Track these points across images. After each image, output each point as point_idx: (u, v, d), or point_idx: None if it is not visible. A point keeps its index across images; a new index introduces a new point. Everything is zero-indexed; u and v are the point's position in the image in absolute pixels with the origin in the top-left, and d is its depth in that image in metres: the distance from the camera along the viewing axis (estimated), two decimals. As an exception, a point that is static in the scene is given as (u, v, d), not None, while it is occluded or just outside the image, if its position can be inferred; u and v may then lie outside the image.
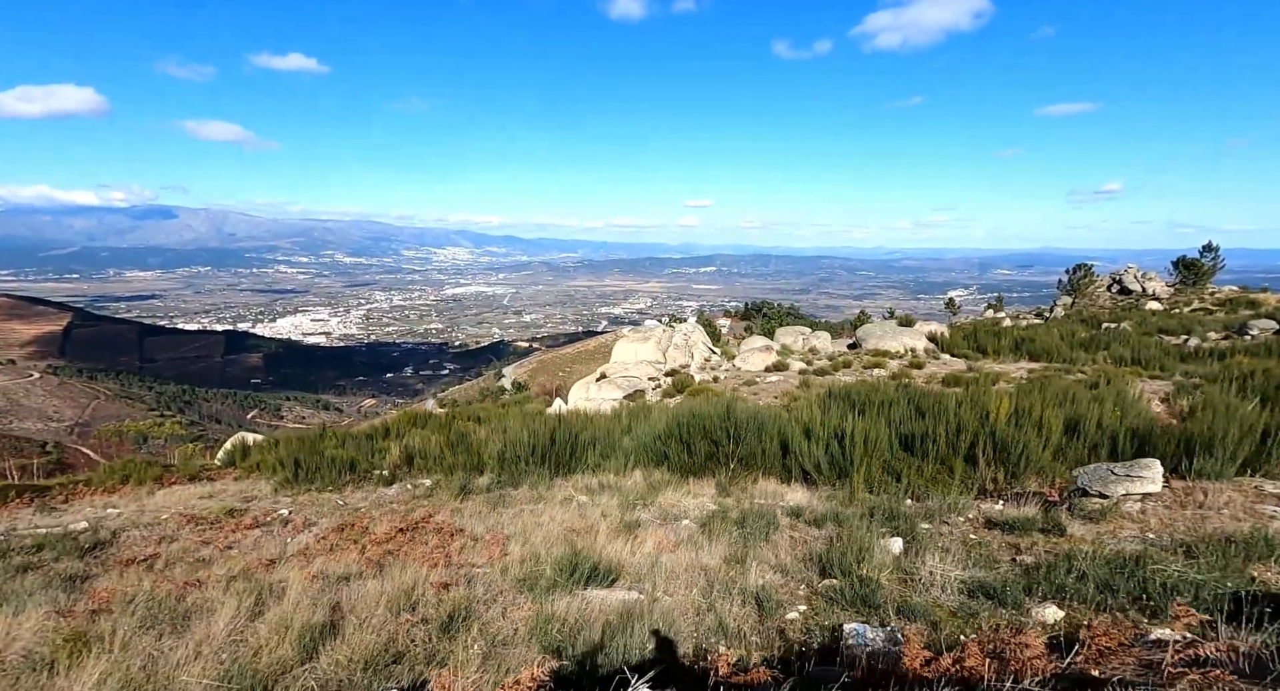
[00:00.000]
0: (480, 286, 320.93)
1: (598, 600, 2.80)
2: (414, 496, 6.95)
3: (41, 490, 8.42)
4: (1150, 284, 35.85)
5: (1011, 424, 4.97)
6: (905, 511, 4.00)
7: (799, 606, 2.55)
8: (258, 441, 11.11)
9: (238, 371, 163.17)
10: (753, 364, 15.70)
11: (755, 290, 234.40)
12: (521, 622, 2.68)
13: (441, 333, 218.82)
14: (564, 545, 4.02)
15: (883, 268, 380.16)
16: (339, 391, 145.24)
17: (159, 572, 4.12)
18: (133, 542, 4.83)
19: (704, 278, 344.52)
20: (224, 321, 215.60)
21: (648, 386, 15.14)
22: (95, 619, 2.92)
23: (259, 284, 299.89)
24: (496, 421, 12.03)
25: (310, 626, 2.68)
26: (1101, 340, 15.64)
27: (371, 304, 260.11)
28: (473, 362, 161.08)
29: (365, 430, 11.97)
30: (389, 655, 2.50)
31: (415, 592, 3.08)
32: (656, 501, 5.06)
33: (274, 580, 3.43)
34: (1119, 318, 23.10)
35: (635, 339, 17.07)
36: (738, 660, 1.95)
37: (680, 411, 6.82)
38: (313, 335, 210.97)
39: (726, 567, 3.09)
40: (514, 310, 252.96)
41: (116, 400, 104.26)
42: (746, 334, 35.04)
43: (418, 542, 4.33)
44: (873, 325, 18.59)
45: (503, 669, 2.28)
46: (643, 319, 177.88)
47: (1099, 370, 11.94)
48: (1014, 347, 15.82)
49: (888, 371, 14.19)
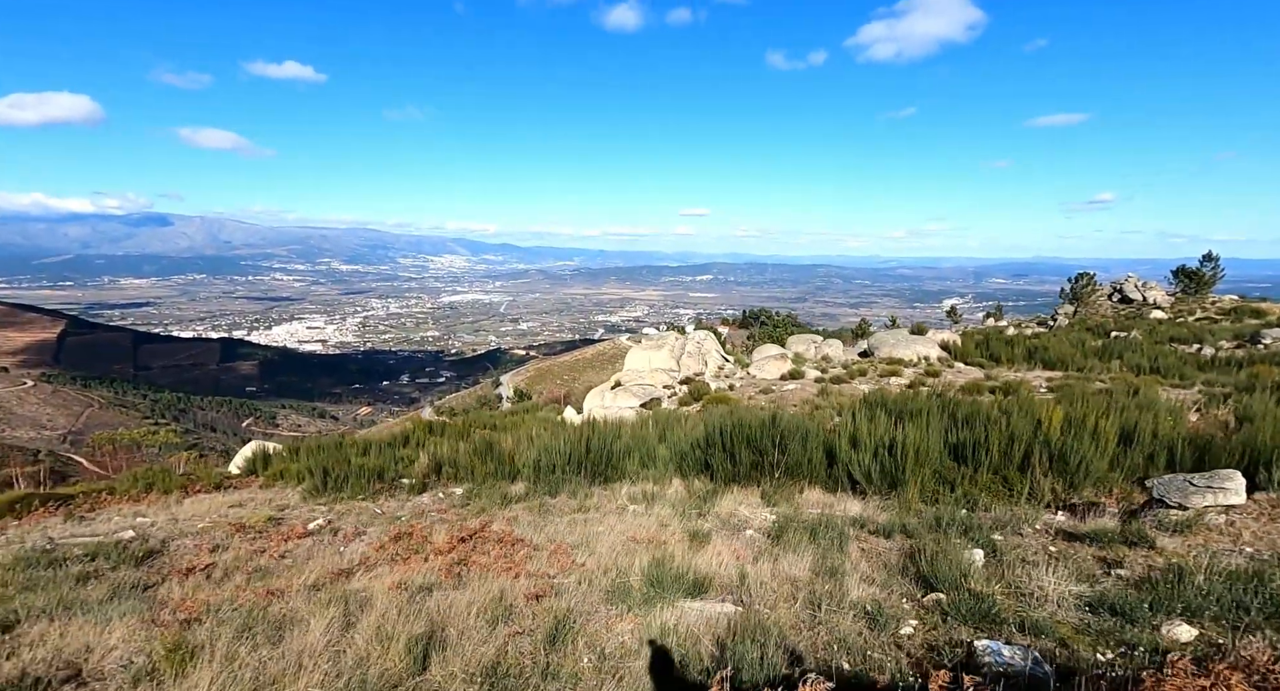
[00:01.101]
0: (477, 294, 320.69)
1: (696, 612, 2.76)
2: (451, 505, 6.89)
3: (65, 499, 8.31)
4: (1151, 293, 36.11)
5: (1065, 433, 4.97)
6: (976, 522, 3.98)
7: (909, 621, 2.52)
8: (277, 450, 11.01)
9: (233, 379, 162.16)
10: (768, 372, 15.69)
11: (752, 298, 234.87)
12: (628, 634, 2.64)
13: (438, 340, 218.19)
14: (629, 555, 3.98)
15: (878, 276, 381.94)
16: (334, 399, 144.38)
17: (218, 582, 4.06)
18: (184, 551, 4.76)
19: (701, 286, 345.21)
20: (219, 329, 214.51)
21: (663, 394, 15.10)
22: (188, 628, 2.87)
23: (255, 291, 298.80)
24: (512, 430, 11.99)
25: (416, 637, 2.64)
26: (1114, 349, 15.71)
27: (368, 311, 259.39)
28: (469, 370, 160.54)
29: (385, 438, 11.89)
30: (500, 668, 2.46)
31: (505, 604, 3.04)
32: (713, 511, 5.02)
33: (352, 590, 3.38)
34: (1125, 326, 23.23)
35: (649, 347, 17.05)
36: (890, 681, 1.92)
37: (720, 419, 6.80)
38: (309, 343, 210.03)
39: (819, 580, 3.06)
40: (510, 318, 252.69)
41: (110, 408, 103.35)
42: (750, 342, 35.10)
43: (479, 552, 4.28)
44: (885, 333, 18.64)
45: (625, 681, 2.24)
46: (639, 327, 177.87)
47: (1118, 379, 11.99)
48: (1027, 356, 15.88)
49: (905, 379, 14.20)
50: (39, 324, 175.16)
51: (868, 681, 1.98)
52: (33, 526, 6.96)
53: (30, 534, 6.47)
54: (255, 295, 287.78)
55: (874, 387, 13.67)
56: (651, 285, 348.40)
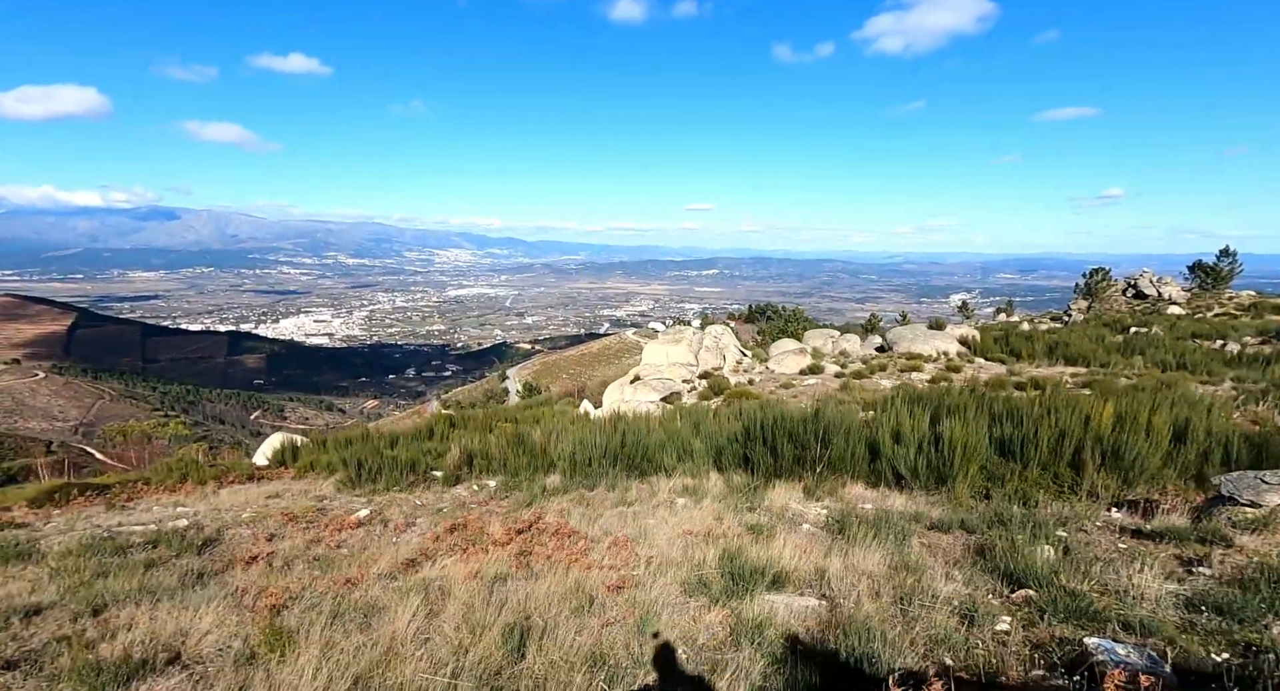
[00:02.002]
0: (482, 288, 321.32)
1: (782, 605, 2.77)
2: (489, 497, 6.92)
3: (102, 488, 8.40)
4: (1166, 288, 35.83)
5: (1117, 429, 4.95)
6: (1037, 518, 3.98)
7: (1003, 618, 2.52)
8: (305, 442, 11.09)
9: (240, 372, 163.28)
10: (787, 366, 15.67)
11: (757, 293, 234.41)
12: (718, 625, 2.65)
13: (444, 334, 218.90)
14: (690, 548, 3.99)
15: (884, 271, 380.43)
16: (341, 393, 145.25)
17: (280, 571, 4.10)
18: (241, 541, 4.80)
19: (706, 280, 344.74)
20: (227, 322, 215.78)
21: (682, 388, 15.11)
22: (277, 615, 2.91)
23: (262, 285, 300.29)
24: (534, 423, 12.01)
25: (509, 626, 2.66)
26: (1136, 344, 15.61)
27: (374, 305, 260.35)
28: (475, 364, 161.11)
29: (409, 431, 11.94)
30: (597, 657, 2.48)
31: (585, 594, 3.06)
32: (762, 505, 5.03)
33: (425, 579, 3.41)
34: (1141, 322, 23.07)
35: (666, 341, 17.05)
36: (1028, 677, 1.92)
37: (760, 413, 6.80)
38: (315, 336, 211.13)
39: (897, 575, 3.06)
40: (516, 312, 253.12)
41: (121, 400, 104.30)
42: (760, 337, 35.02)
43: (538, 544, 4.30)
44: (903, 328, 18.57)
45: (728, 672, 2.26)
46: (645, 322, 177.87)
47: (1144, 375, 11.92)
48: (1048, 352, 15.79)
49: (926, 375, 14.16)
50: (49, 316, 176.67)
51: (991, 679, 1.98)
52: (76, 514, 7.05)
53: (77, 522, 6.55)
54: (262, 288, 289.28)
55: (896, 383, 13.64)
56: (657, 280, 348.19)
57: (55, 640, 2.72)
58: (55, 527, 6.20)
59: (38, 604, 3.13)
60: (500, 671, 2.42)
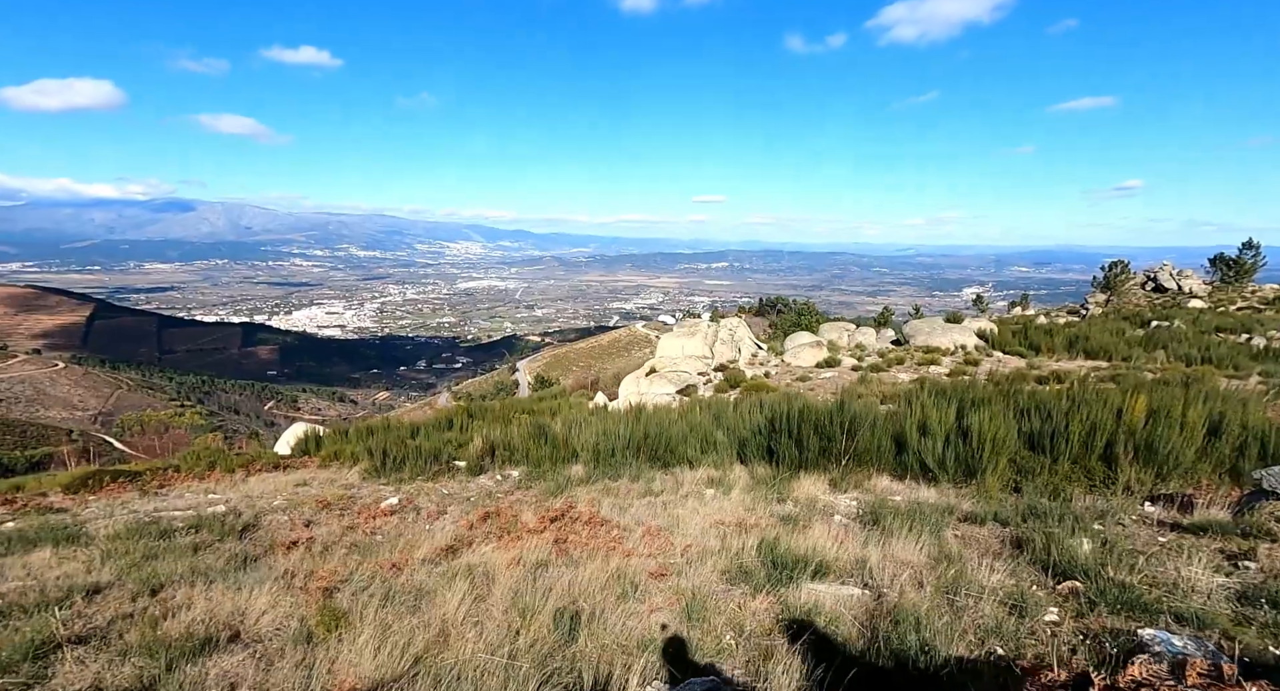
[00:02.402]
0: (492, 280, 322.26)
1: (826, 594, 2.80)
2: (514, 487, 7.00)
3: (133, 475, 8.57)
4: (1186, 281, 35.25)
5: (1150, 423, 4.91)
6: (1073, 511, 3.97)
7: (1050, 609, 2.54)
8: (328, 432, 11.24)
9: (254, 363, 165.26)
10: (803, 359, 15.64)
11: (768, 286, 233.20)
12: (764, 613, 2.69)
13: (454, 326, 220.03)
14: (724, 537, 4.03)
15: (896, 264, 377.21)
16: (353, 384, 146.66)
17: (320, 555, 4.18)
18: (278, 526, 4.91)
19: (716, 273, 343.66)
20: (241, 313, 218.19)
21: (698, 381, 15.13)
22: (329, 597, 2.98)
23: (275, 277, 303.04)
24: (552, 415, 12.09)
25: (559, 610, 2.72)
26: (1158, 338, 15.42)
27: (385, 297, 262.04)
28: (485, 356, 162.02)
29: (429, 422, 12.07)
30: (646, 641, 2.52)
31: (628, 581, 3.11)
32: (792, 496, 5.05)
33: (467, 565, 3.48)
34: (1162, 316, 22.74)
35: (681, 334, 17.05)
36: (1082, 667, 1.94)
37: (785, 405, 6.81)
38: (327, 328, 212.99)
39: (939, 566, 3.08)
40: (526, 304, 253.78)
41: (138, 390, 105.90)
42: (772, 330, 34.88)
43: (571, 532, 4.36)
44: (920, 321, 18.45)
45: (778, 658, 2.29)
46: (654, 314, 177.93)
47: (1168, 369, 11.78)
48: (1068, 345, 15.63)
49: (944, 368, 14.07)
50: (67, 307, 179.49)
51: (1045, 668, 2.00)
52: (112, 500, 7.21)
53: (114, 507, 6.71)
54: (275, 280, 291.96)
55: (914, 376, 13.58)
56: (666, 272, 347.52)
57: (119, 617, 2.81)
58: (94, 512, 6.35)
59: (96, 583, 3.23)
60: (553, 654, 2.47)
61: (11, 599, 2.96)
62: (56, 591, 3.05)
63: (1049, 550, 3.15)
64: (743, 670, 2.29)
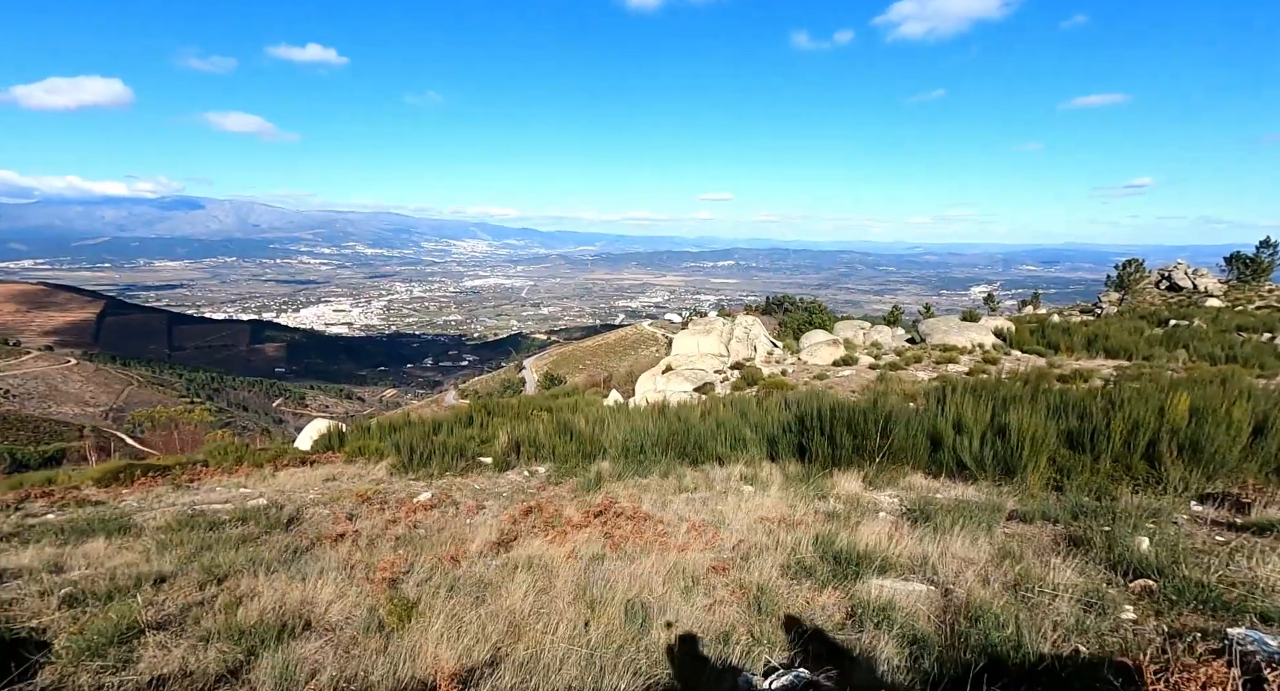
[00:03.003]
0: (499, 278, 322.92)
1: (896, 590, 2.80)
2: (545, 482, 7.02)
3: (162, 469, 8.67)
4: (1202, 280, 34.93)
5: (1193, 421, 4.89)
6: (1124, 510, 3.96)
7: (1125, 607, 2.53)
8: (350, 428, 11.32)
9: (262, 360, 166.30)
10: (820, 358, 15.61)
11: (773, 284, 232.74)
12: (833, 607, 2.70)
13: (460, 324, 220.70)
14: (771, 533, 4.03)
15: (903, 262, 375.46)
16: (360, 381, 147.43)
17: (366, 548, 4.21)
18: (320, 519, 4.95)
19: (721, 271, 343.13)
20: (249, 311, 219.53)
21: (715, 379, 15.13)
22: (394, 587, 3.01)
23: (283, 274, 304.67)
24: (571, 411, 12.11)
25: (629, 602, 2.73)
26: (1179, 337, 15.30)
27: (392, 295, 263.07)
28: (491, 354, 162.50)
29: (450, 418, 12.13)
30: (721, 634, 2.53)
31: (689, 575, 3.12)
32: (831, 492, 5.05)
33: (524, 557, 3.50)
34: (1180, 315, 22.54)
35: (697, 331, 17.05)
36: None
37: (817, 402, 6.80)
38: (335, 325, 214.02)
39: (1003, 563, 3.07)
40: (532, 302, 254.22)
41: (148, 386, 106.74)
42: (781, 328, 34.80)
43: (615, 527, 4.38)
44: (936, 320, 18.37)
45: (857, 653, 2.30)
46: (660, 313, 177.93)
47: (1192, 368, 11.70)
48: (1087, 344, 15.54)
49: (963, 367, 14.02)
50: (78, 304, 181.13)
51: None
52: (147, 493, 7.29)
53: (150, 499, 6.79)
54: (283, 278, 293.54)
55: (933, 375, 13.53)
56: (672, 270, 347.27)
57: (190, 605, 2.85)
58: (131, 505, 6.42)
59: (160, 572, 3.27)
60: (627, 645, 2.49)
61: (83, 586, 3.00)
62: (125, 580, 3.09)
63: (1111, 548, 3.14)
64: (827, 663, 2.29)
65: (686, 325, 37.39)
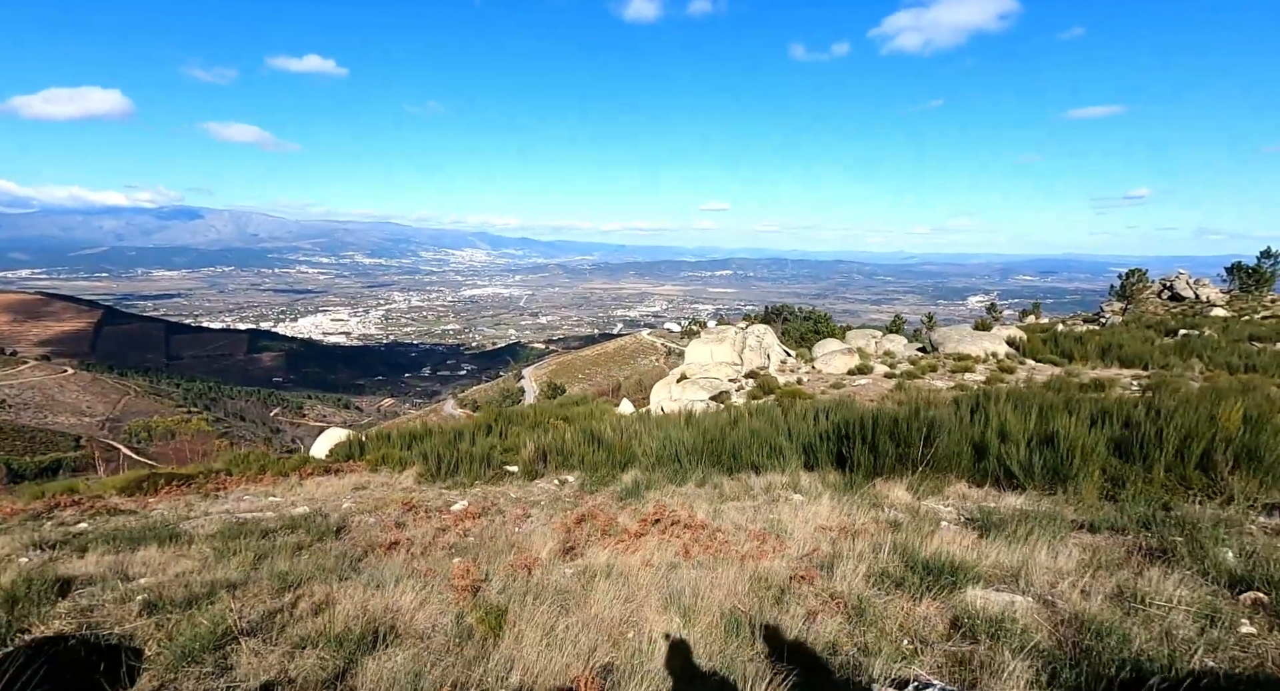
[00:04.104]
0: (497, 288, 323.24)
1: (997, 601, 2.74)
2: (578, 491, 6.95)
3: (186, 478, 8.57)
4: (1203, 290, 35.12)
5: (1249, 429, 4.86)
6: (1195, 520, 3.92)
7: (1242, 621, 2.49)
8: (369, 436, 11.24)
9: (260, 370, 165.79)
10: (835, 366, 15.59)
11: (771, 294, 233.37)
12: (935, 617, 2.64)
13: (459, 334, 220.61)
14: (833, 542, 3.98)
15: (901, 272, 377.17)
16: (358, 391, 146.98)
17: (420, 556, 4.15)
18: (368, 527, 4.88)
19: (720, 281, 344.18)
20: (247, 320, 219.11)
21: (730, 388, 15.09)
22: (476, 595, 2.95)
23: (281, 284, 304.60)
24: (587, 420, 12.04)
25: (727, 612, 2.68)
26: (1192, 346, 15.33)
27: (390, 304, 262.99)
28: (489, 364, 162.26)
29: (469, 427, 12.05)
30: (831, 646, 2.48)
31: (773, 584, 3.07)
32: (886, 501, 5.01)
33: (599, 565, 3.44)
34: (1189, 324, 22.62)
35: (710, 340, 17.03)
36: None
37: (845, 411, 6.77)
38: (333, 335, 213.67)
39: (1096, 574, 3.02)
40: (530, 312, 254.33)
41: (145, 396, 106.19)
42: (783, 338, 34.75)
43: (672, 535, 4.32)
44: (949, 329, 18.39)
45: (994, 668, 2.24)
46: (659, 322, 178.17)
47: (1212, 377, 11.71)
48: (1100, 353, 15.56)
49: (980, 376, 14.01)
50: (76, 313, 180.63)
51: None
52: (176, 501, 7.20)
53: (177, 508, 6.69)
54: (281, 287, 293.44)
55: (950, 384, 13.51)
56: (670, 280, 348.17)
57: (272, 612, 2.78)
58: (163, 513, 6.34)
59: (230, 580, 3.20)
60: (735, 655, 2.43)
61: (159, 593, 2.94)
62: (200, 587, 3.02)
63: (1200, 559, 3.10)
64: (946, 676, 2.24)
65: (685, 335, 36.91)
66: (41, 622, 2.63)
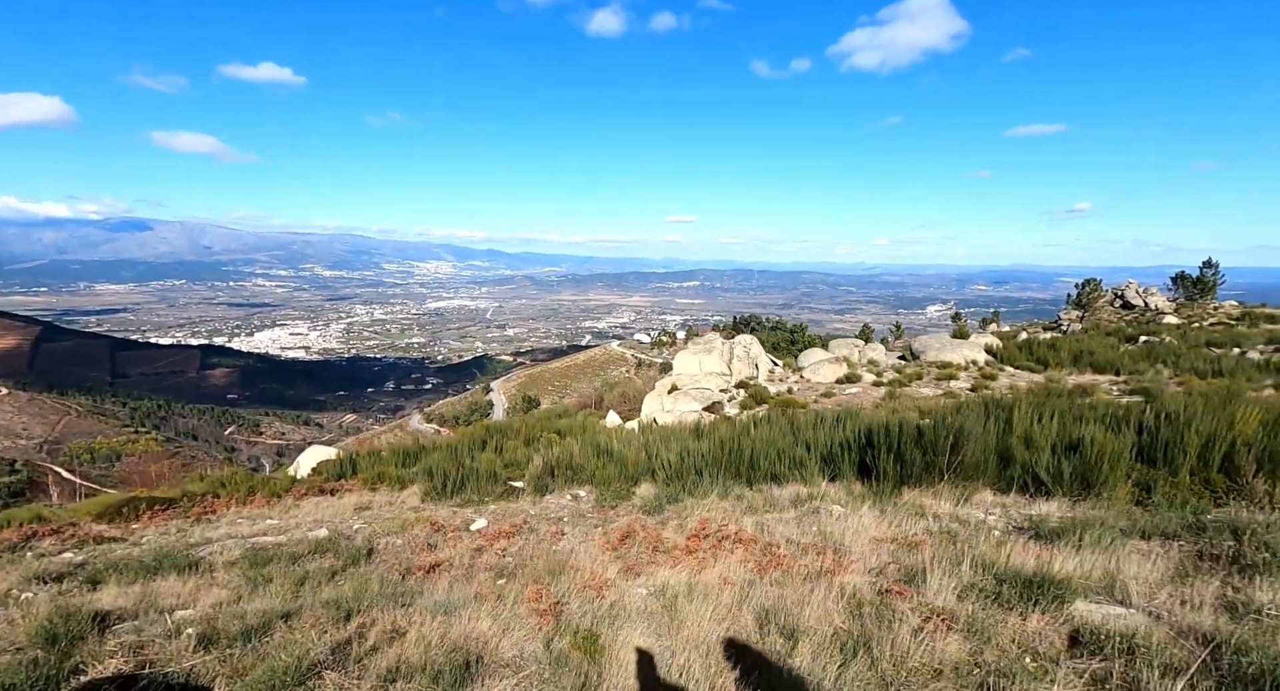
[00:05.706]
0: (463, 300, 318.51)
1: (1109, 615, 2.69)
2: (595, 506, 6.77)
3: (168, 502, 8.04)
4: (1152, 299, 36.95)
5: (1265, 433, 5.03)
6: (1240, 523, 4.00)
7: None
8: (361, 454, 10.78)
9: (213, 387, 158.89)
10: (823, 375, 15.75)
11: (738, 304, 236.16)
12: (1050, 633, 2.58)
13: (423, 347, 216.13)
14: (893, 554, 3.93)
15: (863, 283, 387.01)
16: (318, 407, 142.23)
17: (466, 579, 3.93)
18: (397, 549, 4.60)
19: (687, 292, 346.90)
20: (199, 336, 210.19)
21: (721, 398, 15.07)
22: (559, 619, 2.77)
23: (236, 297, 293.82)
24: (582, 433, 11.83)
25: (836, 633, 2.57)
26: (1157, 353, 16.03)
27: (352, 318, 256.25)
28: (456, 377, 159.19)
29: (462, 442, 11.69)
30: (951, 661, 2.40)
31: (860, 601, 2.98)
32: (930, 511, 4.99)
33: (676, 584, 3.29)
34: (1146, 331, 23.71)
35: (698, 351, 17.02)
36: None
37: (883, 419, 6.78)
38: (291, 349, 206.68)
39: (1188, 582, 3.02)
40: (497, 324, 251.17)
41: (88, 416, 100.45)
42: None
43: (724, 550, 4.21)
44: (929, 337, 18.82)
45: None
46: (627, 333, 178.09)
47: (1185, 381, 12.24)
48: (1073, 360, 16.13)
49: (964, 383, 14.34)
50: (10, 330, 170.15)
51: None
52: (163, 527, 6.73)
53: (168, 534, 6.24)
54: (237, 301, 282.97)
55: (938, 391, 13.78)
56: (639, 291, 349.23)
57: (341, 642, 2.56)
58: (153, 540, 5.90)
59: (284, 609, 2.94)
60: (858, 677, 2.32)
61: (210, 626, 2.67)
62: (254, 618, 2.76)
63: (1273, 567, 3.14)
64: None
65: (656, 345, 36.56)
66: (95, 661, 2.34)
